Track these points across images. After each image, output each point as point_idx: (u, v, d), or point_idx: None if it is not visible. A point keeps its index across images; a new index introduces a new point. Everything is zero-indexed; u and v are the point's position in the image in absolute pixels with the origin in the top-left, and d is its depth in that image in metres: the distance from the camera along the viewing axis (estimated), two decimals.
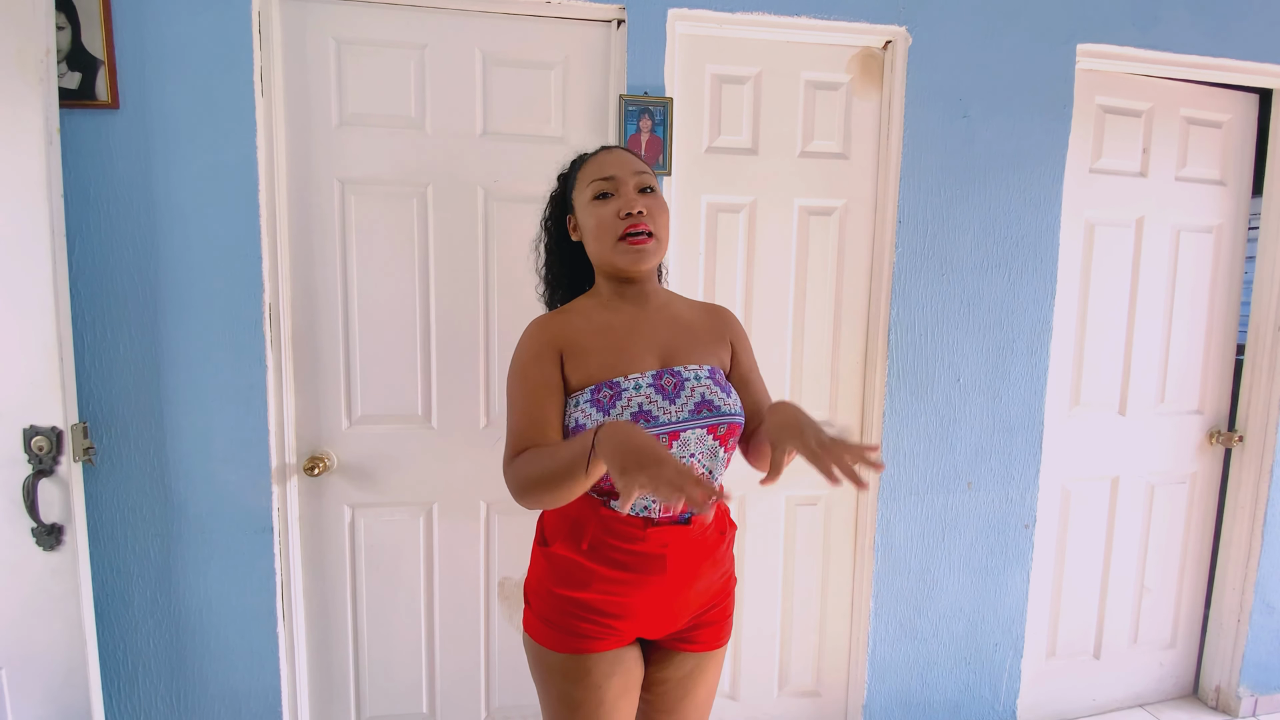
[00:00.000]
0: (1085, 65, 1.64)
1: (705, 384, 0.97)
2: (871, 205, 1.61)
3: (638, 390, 0.94)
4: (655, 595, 0.95)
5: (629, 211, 0.96)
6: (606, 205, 0.98)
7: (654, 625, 0.99)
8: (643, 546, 0.93)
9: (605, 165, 1.01)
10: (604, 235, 0.98)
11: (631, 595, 0.95)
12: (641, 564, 0.94)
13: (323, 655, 1.53)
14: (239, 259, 1.34)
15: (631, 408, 0.92)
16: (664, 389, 0.95)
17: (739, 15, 1.46)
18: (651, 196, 1.00)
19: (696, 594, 0.99)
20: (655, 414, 0.92)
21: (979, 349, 1.64)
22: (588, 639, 0.96)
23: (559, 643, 0.97)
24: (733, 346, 1.08)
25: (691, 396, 0.95)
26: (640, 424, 0.90)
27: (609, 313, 1.02)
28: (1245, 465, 1.89)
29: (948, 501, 1.67)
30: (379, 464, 1.49)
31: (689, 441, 0.94)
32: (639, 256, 0.97)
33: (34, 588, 1.19)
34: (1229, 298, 1.90)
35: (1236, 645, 1.91)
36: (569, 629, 0.96)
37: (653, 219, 0.98)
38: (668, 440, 0.92)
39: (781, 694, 1.73)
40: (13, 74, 1.11)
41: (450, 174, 1.44)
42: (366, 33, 1.39)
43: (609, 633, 0.96)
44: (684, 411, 0.94)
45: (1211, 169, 1.83)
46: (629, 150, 1.06)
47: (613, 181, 0.99)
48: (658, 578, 0.94)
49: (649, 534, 0.93)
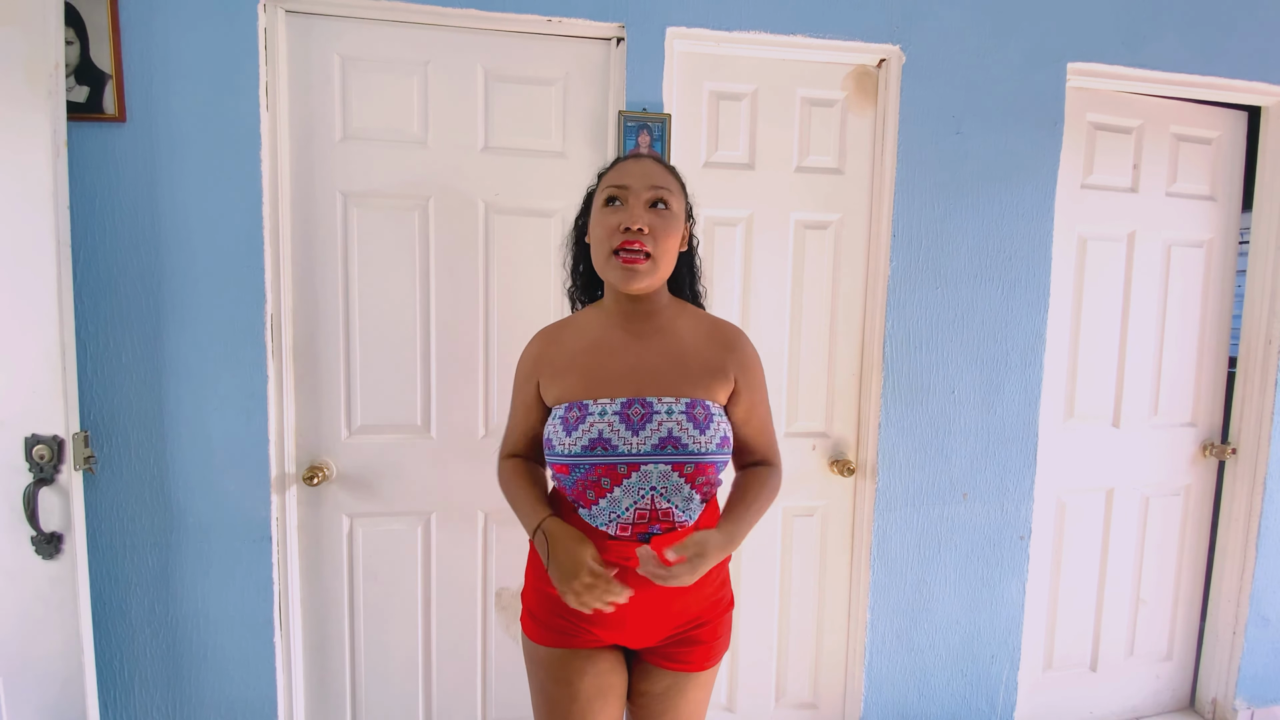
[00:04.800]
0: (1076, 83, 1.67)
1: (677, 419, 0.93)
2: (866, 219, 1.63)
3: (601, 416, 0.94)
4: (620, 606, 0.94)
5: (628, 226, 0.93)
6: (612, 214, 0.95)
7: (626, 635, 1.00)
8: (606, 557, 0.94)
9: (624, 172, 0.97)
10: (601, 245, 0.96)
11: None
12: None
13: (319, 665, 1.53)
14: (242, 270, 1.36)
15: (591, 433, 0.93)
16: (629, 419, 0.93)
17: (736, 34, 1.48)
18: (662, 213, 0.96)
19: (668, 611, 0.98)
20: (615, 443, 0.92)
21: (973, 361, 1.65)
22: (564, 634, 1.00)
23: (541, 636, 1.02)
24: (737, 383, 1.01)
25: (658, 430, 0.92)
26: (597, 450, 0.92)
27: (603, 330, 1.02)
28: (1239, 477, 1.91)
29: (943, 513, 1.68)
30: (378, 474, 1.49)
31: (650, 475, 0.92)
32: (628, 276, 0.94)
33: (32, 596, 1.19)
34: (1220, 311, 1.92)
35: (1232, 658, 1.91)
36: (550, 624, 1.01)
37: (655, 239, 0.94)
38: (627, 470, 0.92)
39: (779, 706, 1.72)
40: (21, 87, 1.13)
41: (451, 188, 1.46)
42: (370, 49, 1.42)
43: (584, 633, 1.00)
44: (646, 445, 0.92)
45: (1201, 185, 1.86)
46: (658, 160, 1.01)
47: (625, 190, 0.96)
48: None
49: (610, 547, 0.95)
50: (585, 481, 0.94)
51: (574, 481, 0.95)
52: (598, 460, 0.93)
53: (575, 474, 0.94)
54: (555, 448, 0.96)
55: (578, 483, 0.95)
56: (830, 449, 1.67)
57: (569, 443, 0.94)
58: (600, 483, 0.93)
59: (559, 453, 0.95)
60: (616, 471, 0.92)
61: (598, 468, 0.93)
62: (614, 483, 0.93)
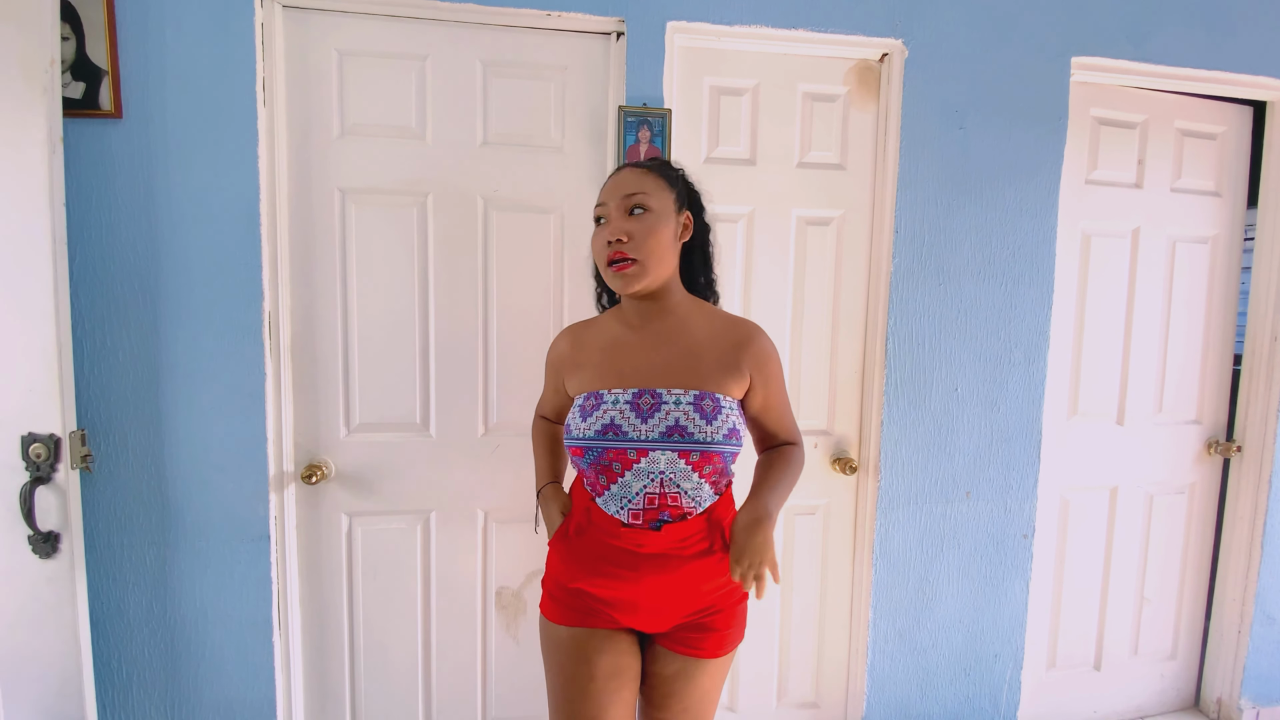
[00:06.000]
0: (1080, 78, 1.65)
1: (684, 409, 1.00)
2: (869, 215, 1.62)
3: (614, 405, 1.02)
4: (633, 590, 1.02)
5: (608, 240, 1.02)
6: (599, 233, 1.05)
7: (640, 619, 1.04)
8: (619, 543, 1.02)
9: (603, 191, 1.07)
10: (597, 260, 1.07)
11: (613, 586, 1.03)
12: (620, 558, 1.02)
13: (318, 665, 1.52)
14: (239, 267, 1.35)
15: (604, 419, 1.01)
16: (639, 407, 1.01)
17: (737, 28, 1.47)
18: (640, 217, 1.03)
19: (680, 597, 1.03)
20: (624, 429, 1.00)
21: (976, 358, 1.64)
22: (581, 614, 1.06)
23: (561, 616, 1.07)
24: (753, 378, 1.06)
25: (665, 419, 0.99)
26: (608, 435, 1.01)
27: (622, 327, 1.11)
28: (1244, 475, 1.89)
29: (946, 511, 1.66)
30: (377, 472, 1.49)
31: (658, 460, 0.99)
32: (623, 281, 1.02)
33: (29, 596, 1.18)
34: (1225, 308, 1.91)
35: (1237, 657, 1.90)
36: (568, 604, 1.07)
37: (636, 244, 1.01)
38: (636, 455, 0.99)
39: (780, 705, 1.71)
40: (17, 83, 1.12)
41: (450, 183, 1.45)
42: (368, 44, 1.40)
43: (602, 615, 1.05)
44: (654, 432, 0.99)
45: (1206, 180, 1.84)
46: (634, 167, 1.08)
47: (604, 208, 1.05)
48: (633, 574, 1.02)
49: (622, 534, 1.02)
50: (598, 465, 1.02)
51: (588, 465, 1.03)
52: (609, 444, 1.00)
53: (589, 456, 1.02)
54: (572, 432, 1.04)
55: (591, 466, 1.03)
56: (832, 447, 1.66)
57: (584, 427, 1.02)
58: (612, 467, 1.01)
59: (575, 436, 1.03)
60: (626, 456, 0.99)
61: (609, 451, 1.00)
62: (625, 467, 1.00)
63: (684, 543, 1.01)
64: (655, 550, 1.01)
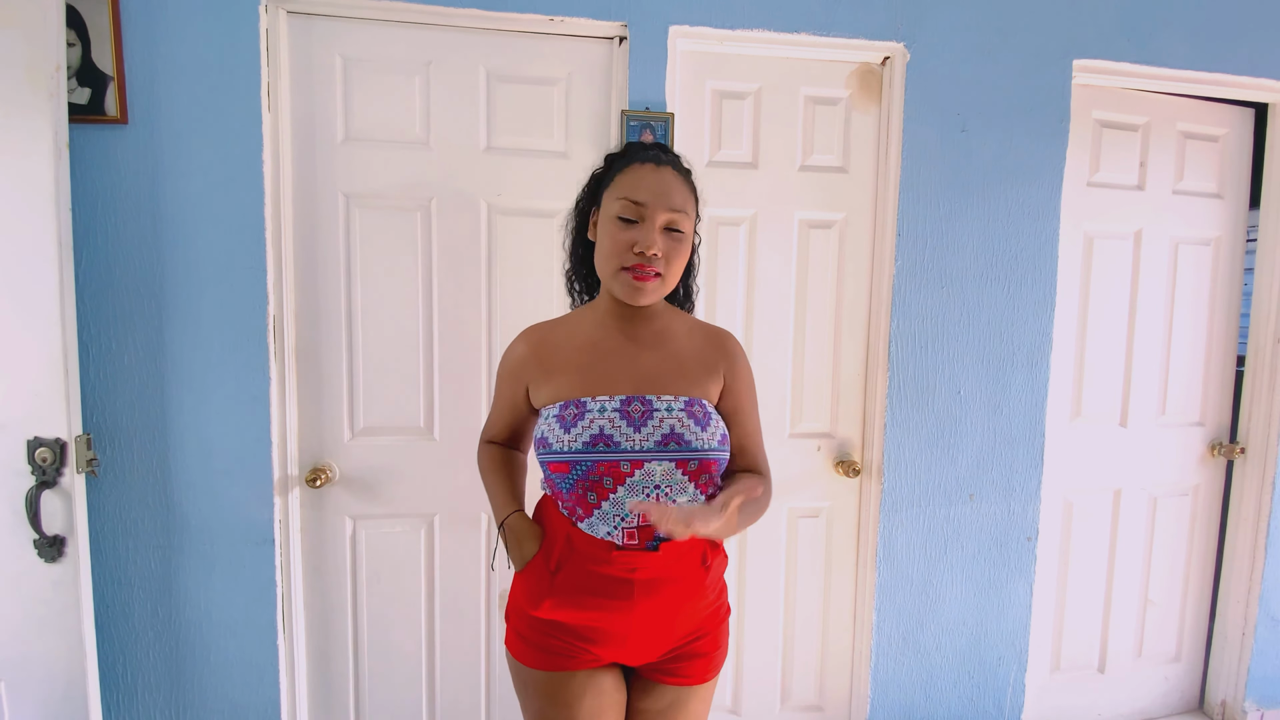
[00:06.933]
0: (1082, 80, 1.66)
1: (677, 416, 0.93)
2: (871, 218, 1.62)
3: (602, 413, 0.92)
4: (625, 621, 0.93)
5: (642, 251, 0.92)
6: (625, 231, 0.93)
7: (627, 652, 0.96)
8: (610, 570, 0.92)
9: (641, 187, 0.94)
10: (610, 258, 0.94)
11: (601, 619, 0.94)
12: (609, 588, 0.93)
13: (323, 668, 1.52)
14: (244, 272, 1.35)
15: (593, 429, 0.91)
16: (630, 415, 0.92)
17: (739, 32, 1.48)
18: (676, 239, 0.95)
19: (673, 624, 0.96)
20: (617, 439, 0.91)
21: (979, 361, 1.64)
22: (560, 656, 0.95)
23: (533, 659, 0.97)
24: (725, 380, 1.01)
25: (659, 427, 0.92)
26: (599, 447, 0.91)
27: (598, 329, 1.01)
28: (1247, 477, 1.89)
29: (949, 513, 1.66)
30: (381, 476, 1.49)
31: (654, 472, 0.91)
32: (637, 292, 0.94)
33: (35, 599, 1.19)
34: (1228, 309, 1.91)
35: (1241, 659, 1.90)
36: (542, 646, 0.96)
37: (667, 261, 0.94)
38: (630, 468, 0.91)
39: (784, 708, 1.71)
40: (23, 89, 1.13)
41: (454, 188, 1.46)
42: (372, 50, 1.41)
43: (581, 653, 0.96)
44: (649, 441, 0.91)
45: (1209, 182, 1.84)
46: (678, 172, 0.97)
47: (642, 209, 0.93)
48: (625, 603, 0.93)
49: (614, 558, 0.92)
50: (586, 482, 0.92)
51: (574, 482, 0.92)
52: (600, 457, 0.91)
53: (576, 472, 0.92)
54: (553, 446, 0.92)
55: (578, 484, 0.92)
56: (835, 450, 1.66)
57: (568, 440, 0.91)
58: (602, 482, 0.91)
59: (557, 451, 0.92)
60: (619, 469, 0.91)
61: (600, 465, 0.91)
62: (617, 481, 0.91)
63: (680, 561, 0.95)
64: (650, 575, 0.93)
